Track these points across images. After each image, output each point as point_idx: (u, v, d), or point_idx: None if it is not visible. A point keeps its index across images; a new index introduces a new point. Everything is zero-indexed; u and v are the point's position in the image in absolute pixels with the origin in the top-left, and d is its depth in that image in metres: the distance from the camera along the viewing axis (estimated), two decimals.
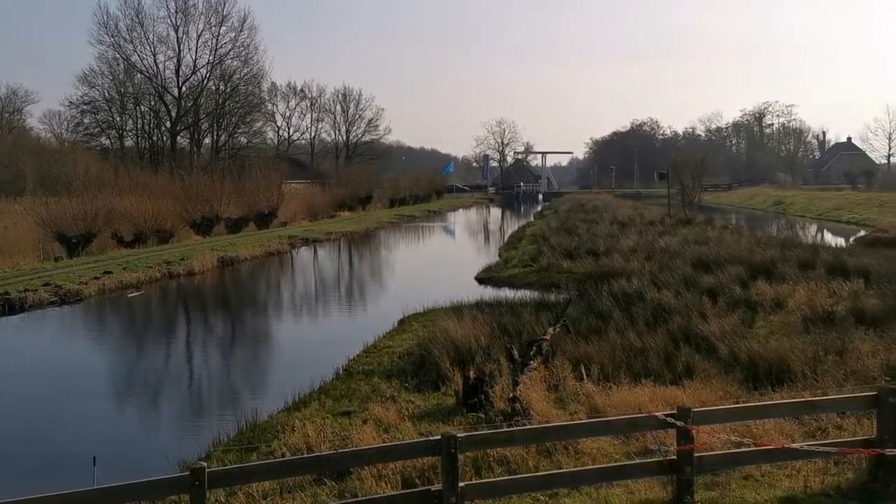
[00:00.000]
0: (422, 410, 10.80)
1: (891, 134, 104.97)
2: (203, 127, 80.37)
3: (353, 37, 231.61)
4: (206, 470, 6.04)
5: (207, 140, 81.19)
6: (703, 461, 7.36)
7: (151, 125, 79.56)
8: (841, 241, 35.95)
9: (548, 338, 13.42)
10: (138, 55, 74.97)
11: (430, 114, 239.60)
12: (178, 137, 78.32)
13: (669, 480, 7.28)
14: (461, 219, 75.97)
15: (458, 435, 6.73)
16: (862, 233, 38.90)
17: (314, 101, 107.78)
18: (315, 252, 42.47)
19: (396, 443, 7.92)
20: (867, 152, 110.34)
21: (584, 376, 11.63)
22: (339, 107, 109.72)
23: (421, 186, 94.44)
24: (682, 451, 7.04)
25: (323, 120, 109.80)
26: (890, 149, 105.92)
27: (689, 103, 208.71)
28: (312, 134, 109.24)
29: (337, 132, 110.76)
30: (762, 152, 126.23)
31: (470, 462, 8.14)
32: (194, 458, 9.18)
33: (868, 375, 10.88)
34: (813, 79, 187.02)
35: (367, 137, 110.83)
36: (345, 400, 11.84)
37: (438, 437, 6.74)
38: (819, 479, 7.67)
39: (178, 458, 9.46)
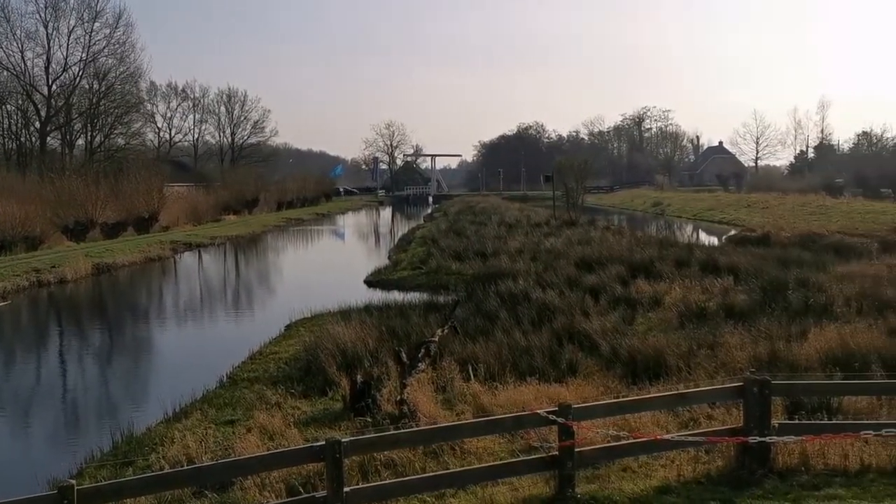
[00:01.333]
0: (308, 416, 10.65)
1: (758, 138, 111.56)
2: (76, 127, 76.51)
3: (237, 37, 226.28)
4: (76, 488, 5.75)
5: (81, 141, 77.35)
6: (583, 455, 7.57)
7: (19, 125, 75.10)
8: (714, 240, 37.86)
9: (436, 339, 13.50)
10: (4, 51, 70.74)
11: (319, 115, 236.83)
12: (49, 138, 74.29)
13: (552, 475, 7.45)
14: (350, 221, 75.49)
15: (343, 440, 6.67)
16: (732, 232, 41.08)
17: (197, 101, 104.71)
18: (199, 257, 41.18)
19: (280, 450, 7.76)
20: (737, 156, 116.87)
21: (472, 376, 11.76)
22: (223, 108, 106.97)
23: (309, 189, 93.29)
24: (563, 447, 7.22)
25: (207, 121, 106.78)
26: (757, 152, 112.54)
27: (574, 107, 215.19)
28: (196, 136, 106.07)
29: (221, 134, 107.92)
30: (642, 155, 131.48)
31: (357, 467, 8.07)
32: (65, 476, 8.70)
33: (736, 367, 11.46)
34: (688, 85, 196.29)
35: (254, 139, 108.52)
36: (228, 409, 11.53)
37: (323, 442, 6.65)
38: (691, 468, 8.03)
39: (48, 476, 8.95)
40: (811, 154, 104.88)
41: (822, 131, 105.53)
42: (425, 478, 7.43)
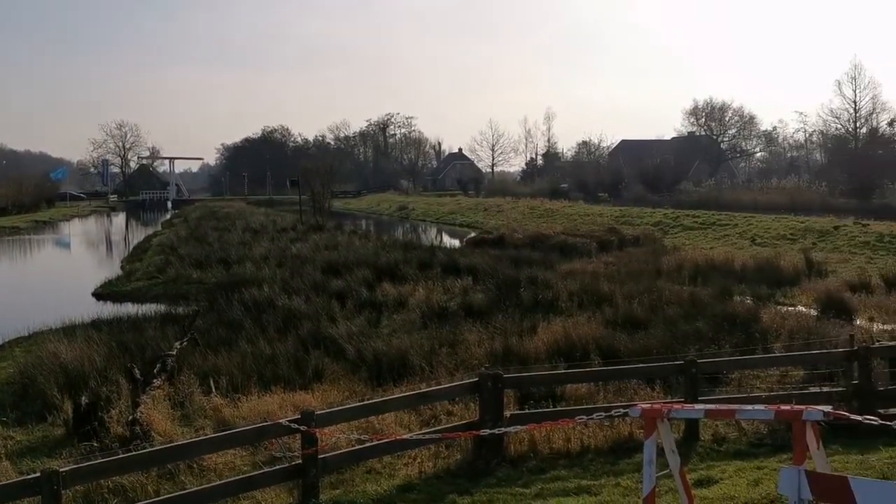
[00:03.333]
0: (24, 446, 9.56)
1: (493, 146, 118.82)
2: None
3: None
4: None
5: None
6: (327, 462, 7.52)
7: None
8: (455, 242, 39.65)
9: (174, 353, 12.76)
10: None
11: (38, 113, 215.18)
12: None
13: (296, 485, 7.32)
14: (78, 229, 69.22)
15: (62, 469, 6.06)
16: (472, 234, 43.34)
17: None
18: None
19: None
20: (476, 162, 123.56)
21: (213, 389, 11.25)
22: None
23: (27, 194, 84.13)
24: (306, 455, 7.12)
25: None
26: (493, 159, 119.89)
27: (320, 112, 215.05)
28: None
29: None
30: (387, 160, 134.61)
31: (81, 497, 7.38)
32: None
33: (475, 363, 12.06)
34: (429, 94, 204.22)
35: None
36: None
37: (38, 474, 6.00)
38: (433, 464, 8.29)
39: None
40: (540, 161, 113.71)
41: (548, 140, 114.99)
42: (158, 501, 6.94)
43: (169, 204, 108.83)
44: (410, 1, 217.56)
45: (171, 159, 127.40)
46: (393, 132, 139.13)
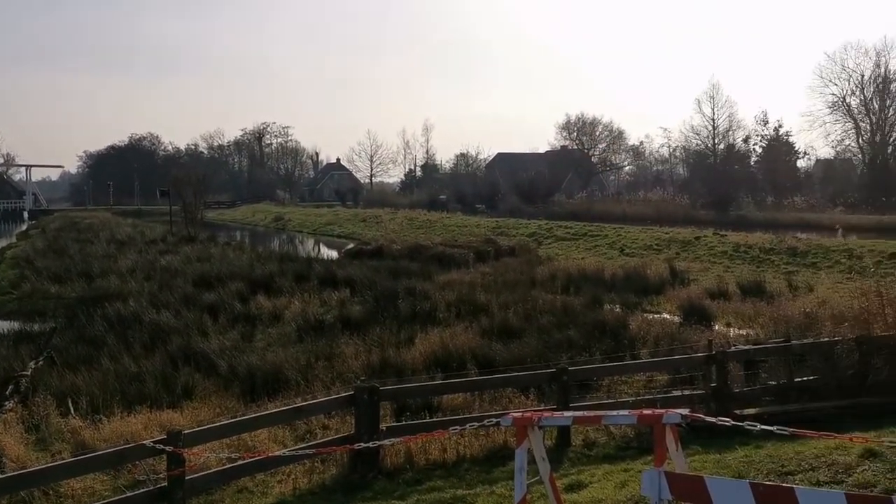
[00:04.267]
0: None
1: (372, 156, 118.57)
2: None
3: None
4: None
5: None
6: (195, 483, 7.22)
7: None
8: (333, 254, 39.24)
9: (28, 373, 11.97)
10: None
11: None
12: None
13: None
14: None
15: None
16: (350, 245, 43.02)
17: None
18: None
19: None
20: (354, 172, 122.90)
21: (72, 411, 10.62)
22: None
23: None
24: (171, 476, 6.81)
25: None
26: (372, 169, 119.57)
27: (191, 120, 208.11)
28: None
29: None
30: (263, 171, 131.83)
31: None
32: None
33: (352, 376, 11.93)
34: (307, 103, 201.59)
35: None
36: None
37: None
38: (307, 480, 8.13)
39: None
40: (419, 172, 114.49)
41: (427, 152, 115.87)
42: None
43: (25, 214, 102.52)
44: (289, 7, 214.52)
45: (28, 167, 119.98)
46: (269, 141, 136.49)
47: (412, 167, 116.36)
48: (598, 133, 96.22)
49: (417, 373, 12.36)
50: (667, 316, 18.45)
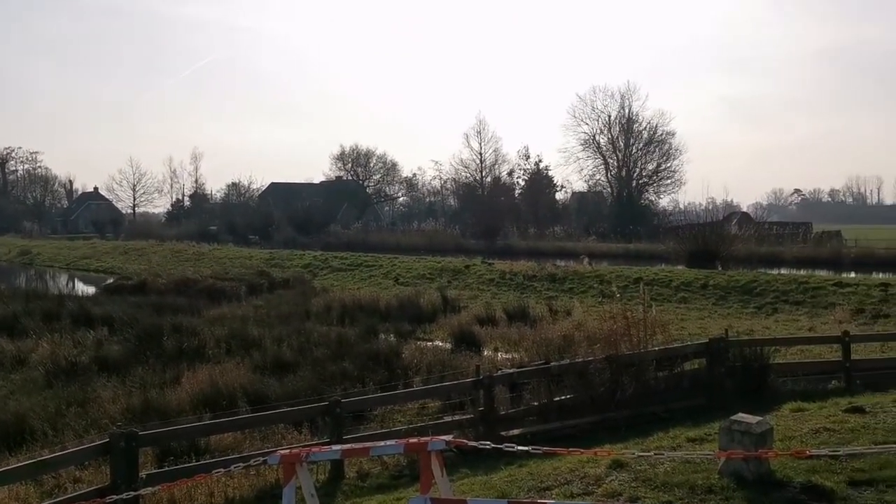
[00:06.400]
0: None
1: (135, 185, 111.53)
2: None
3: None
4: None
5: None
6: None
7: None
8: (90, 290, 36.36)
9: None
10: None
11: None
12: None
13: None
14: None
15: None
16: (110, 280, 40.06)
17: None
18: None
19: None
20: (114, 202, 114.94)
21: None
22: None
23: None
24: None
25: None
26: (135, 199, 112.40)
27: None
28: None
29: None
30: (7, 200, 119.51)
31: None
32: None
33: (109, 422, 11.05)
34: (59, 126, 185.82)
35: None
36: None
37: None
38: None
39: None
40: (187, 202, 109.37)
41: (196, 181, 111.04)
42: None
43: None
44: (37, 21, 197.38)
45: None
46: (14, 168, 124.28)
47: (180, 197, 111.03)
48: (372, 164, 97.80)
49: (184, 414, 11.70)
50: (439, 343, 19.02)
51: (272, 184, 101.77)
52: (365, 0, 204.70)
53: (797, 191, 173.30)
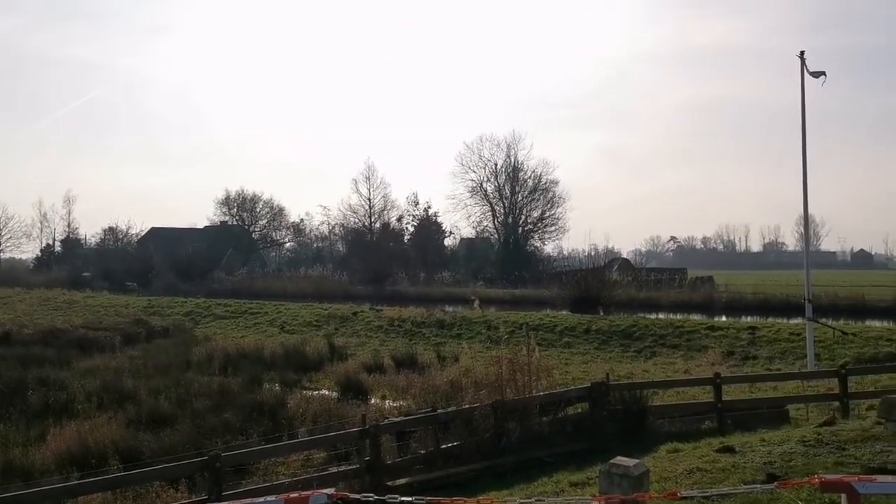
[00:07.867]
0: None
1: (2, 230, 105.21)
2: None
3: None
4: None
5: None
6: None
7: None
8: None
9: None
10: None
11: None
12: None
13: None
14: None
15: None
16: None
17: None
18: None
19: None
20: None
21: None
22: None
23: None
24: None
25: None
26: (0, 244, 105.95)
27: None
28: None
29: None
30: None
31: None
32: None
33: None
34: None
35: None
36: None
37: None
38: None
39: None
40: (59, 248, 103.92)
41: (69, 225, 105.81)
42: None
43: None
44: None
45: None
46: None
47: (51, 242, 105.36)
48: (258, 209, 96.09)
49: (49, 474, 10.96)
50: (325, 392, 18.68)
51: (152, 228, 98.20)
52: (251, 45, 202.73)
53: (673, 238, 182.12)
